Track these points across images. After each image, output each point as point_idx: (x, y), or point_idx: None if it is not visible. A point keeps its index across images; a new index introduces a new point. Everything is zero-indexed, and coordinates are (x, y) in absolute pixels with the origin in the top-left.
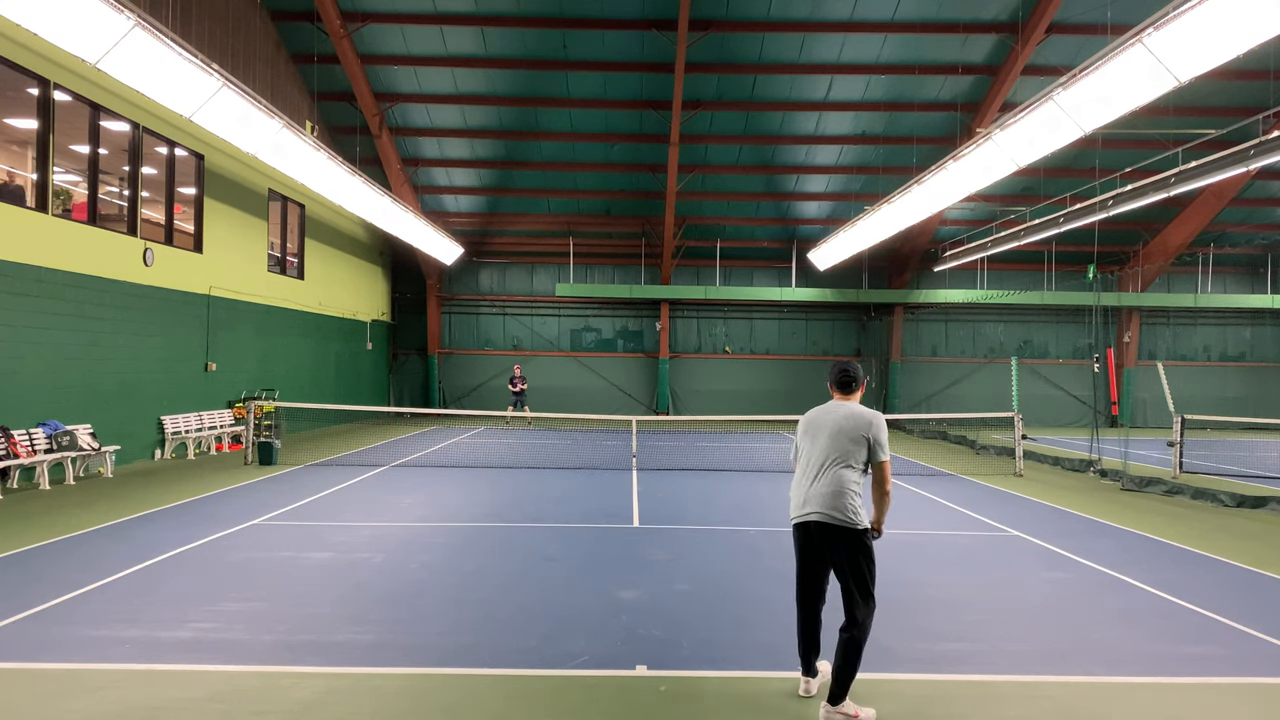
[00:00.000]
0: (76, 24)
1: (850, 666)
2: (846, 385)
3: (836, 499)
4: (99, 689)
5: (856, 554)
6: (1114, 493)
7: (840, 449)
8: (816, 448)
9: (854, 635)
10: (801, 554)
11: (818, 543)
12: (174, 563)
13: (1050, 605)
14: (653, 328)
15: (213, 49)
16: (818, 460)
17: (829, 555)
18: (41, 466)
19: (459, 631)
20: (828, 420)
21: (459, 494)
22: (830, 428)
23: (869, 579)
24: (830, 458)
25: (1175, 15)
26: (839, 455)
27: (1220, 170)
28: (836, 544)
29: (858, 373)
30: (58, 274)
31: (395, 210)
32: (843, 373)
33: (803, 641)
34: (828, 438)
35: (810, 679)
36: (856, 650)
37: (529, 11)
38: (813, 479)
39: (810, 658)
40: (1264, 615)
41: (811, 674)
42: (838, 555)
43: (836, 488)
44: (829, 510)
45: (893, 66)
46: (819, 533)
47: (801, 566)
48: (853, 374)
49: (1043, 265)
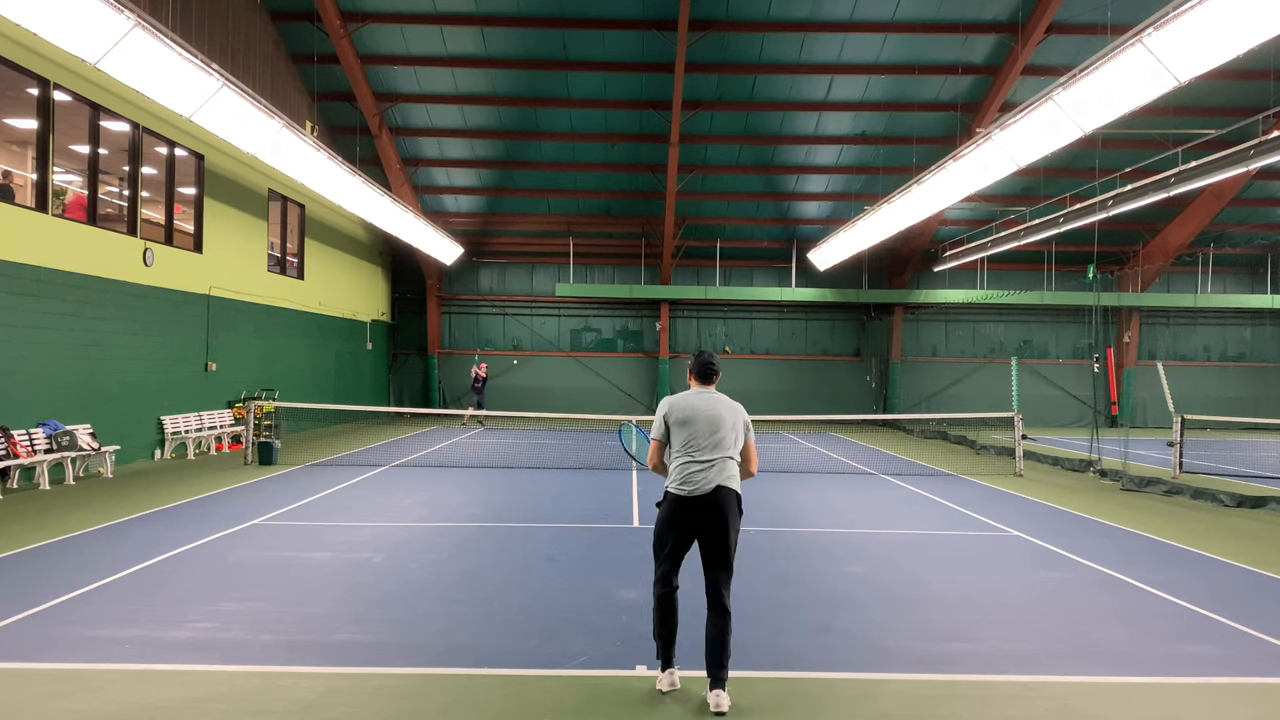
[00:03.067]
0: (76, 24)
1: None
2: (709, 376)
3: (730, 479)
4: (99, 689)
5: (734, 525)
6: (1114, 493)
7: (725, 432)
8: (702, 432)
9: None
10: (680, 527)
11: (701, 516)
12: (174, 563)
13: (1050, 605)
14: (653, 328)
15: (213, 49)
16: (709, 443)
17: (708, 529)
18: (41, 466)
19: (459, 631)
20: (705, 406)
21: (459, 494)
22: (710, 413)
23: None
24: (719, 440)
25: (1175, 15)
26: (725, 438)
27: (1220, 170)
28: (727, 516)
29: (718, 365)
30: (58, 274)
31: (395, 210)
32: (706, 365)
33: (669, 626)
34: (713, 422)
35: (675, 670)
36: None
37: (529, 11)
38: (708, 460)
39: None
40: (1264, 615)
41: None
42: (722, 528)
43: (730, 469)
44: (728, 484)
45: (893, 66)
46: (712, 505)
47: (669, 536)
48: (715, 366)
49: (1043, 265)
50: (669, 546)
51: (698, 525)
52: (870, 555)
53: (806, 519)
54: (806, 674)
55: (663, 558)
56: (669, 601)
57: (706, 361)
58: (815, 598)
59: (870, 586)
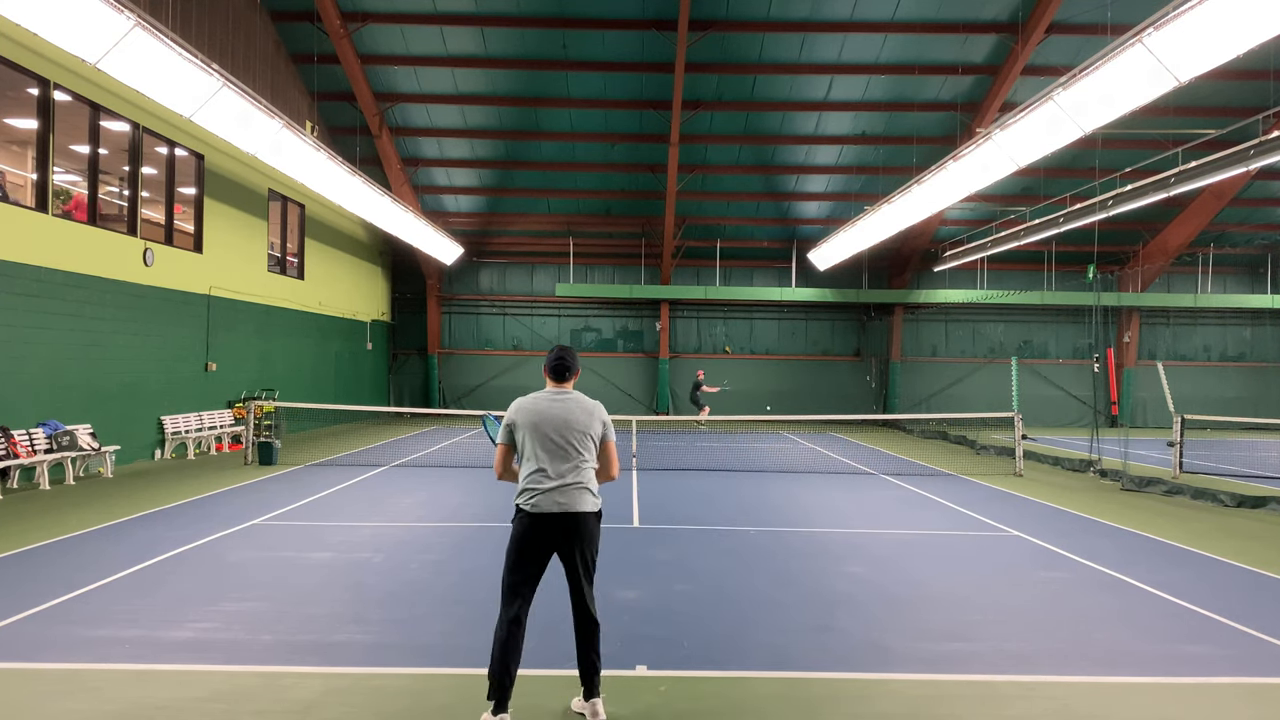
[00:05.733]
0: (76, 24)
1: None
2: (562, 374)
3: (583, 494)
4: (99, 689)
5: (595, 539)
6: (1114, 493)
7: (575, 437)
8: (550, 438)
9: (597, 620)
10: (529, 546)
11: (555, 540)
12: (174, 563)
13: (1050, 605)
14: (653, 328)
15: (213, 49)
16: (558, 451)
17: (564, 553)
18: (41, 466)
19: (459, 631)
20: (554, 409)
21: (459, 494)
22: (560, 417)
23: (594, 564)
24: (569, 446)
25: (1175, 15)
26: (576, 443)
27: (1220, 170)
28: (584, 540)
29: (574, 361)
30: (58, 274)
31: (395, 210)
32: (558, 361)
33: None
34: (563, 426)
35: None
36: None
37: (529, 11)
38: (558, 470)
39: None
40: (1264, 615)
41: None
42: (577, 544)
43: (584, 477)
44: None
45: (893, 66)
46: (566, 528)
47: (522, 559)
48: (569, 362)
49: (1043, 265)
50: (522, 575)
51: (552, 548)
52: (870, 555)
53: (806, 519)
54: (806, 674)
55: (514, 588)
56: (515, 635)
57: (558, 358)
58: (815, 598)
59: (870, 586)
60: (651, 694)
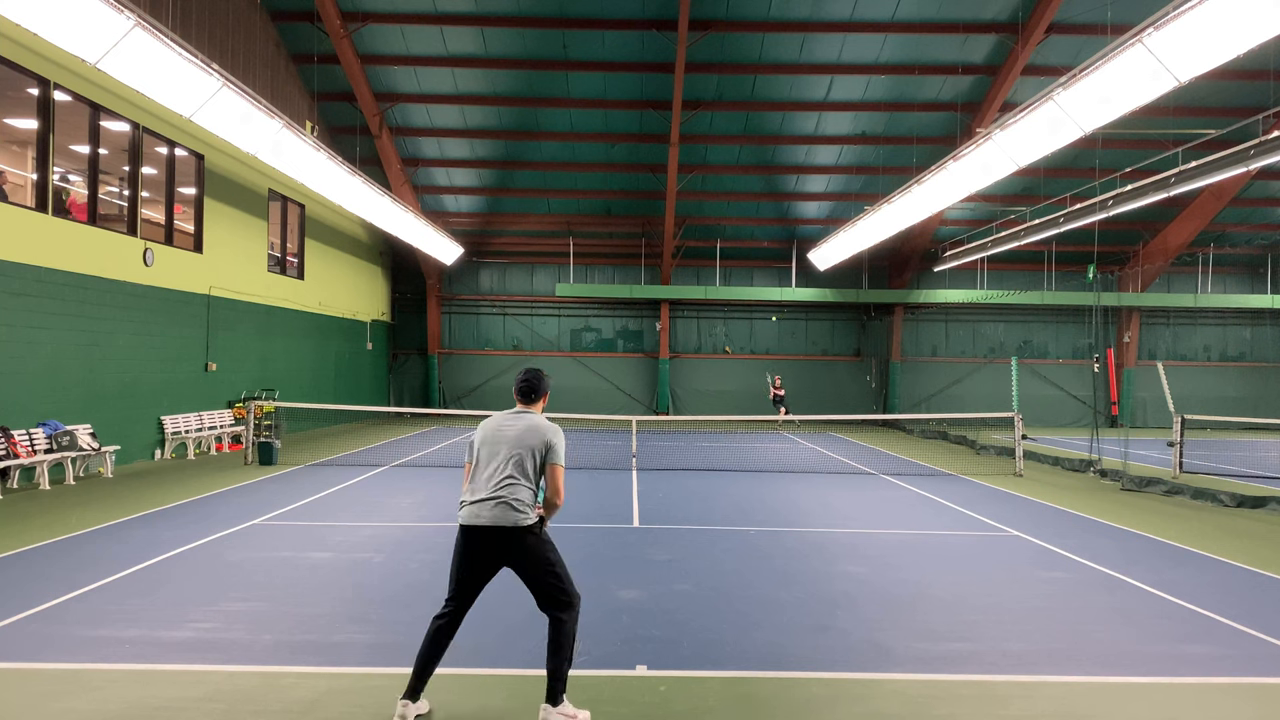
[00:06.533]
0: (76, 24)
1: (568, 657)
2: (527, 395)
3: (509, 510)
4: (99, 689)
5: (532, 551)
6: (1114, 493)
7: (510, 455)
8: (491, 455)
9: (566, 624)
10: (460, 556)
11: (490, 554)
12: (174, 563)
13: (1050, 605)
14: (653, 328)
15: (213, 49)
16: (492, 468)
17: (501, 560)
18: (41, 466)
19: (459, 631)
20: (506, 428)
21: (459, 494)
22: (508, 435)
23: (559, 569)
24: (502, 464)
25: (1175, 15)
26: (511, 461)
27: (1220, 170)
28: (509, 547)
29: (540, 384)
30: (58, 274)
31: (395, 210)
32: (523, 382)
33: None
34: (504, 445)
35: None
36: (570, 640)
37: (529, 11)
38: (489, 487)
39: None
40: (1264, 615)
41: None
42: (511, 559)
43: (515, 495)
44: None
45: (893, 66)
46: (497, 544)
47: (456, 568)
48: (535, 384)
49: (1043, 265)
50: (455, 582)
51: (488, 560)
52: (870, 555)
53: (806, 519)
54: (806, 674)
55: (450, 592)
56: (440, 629)
57: (524, 379)
58: (815, 598)
59: (870, 586)
60: (652, 694)
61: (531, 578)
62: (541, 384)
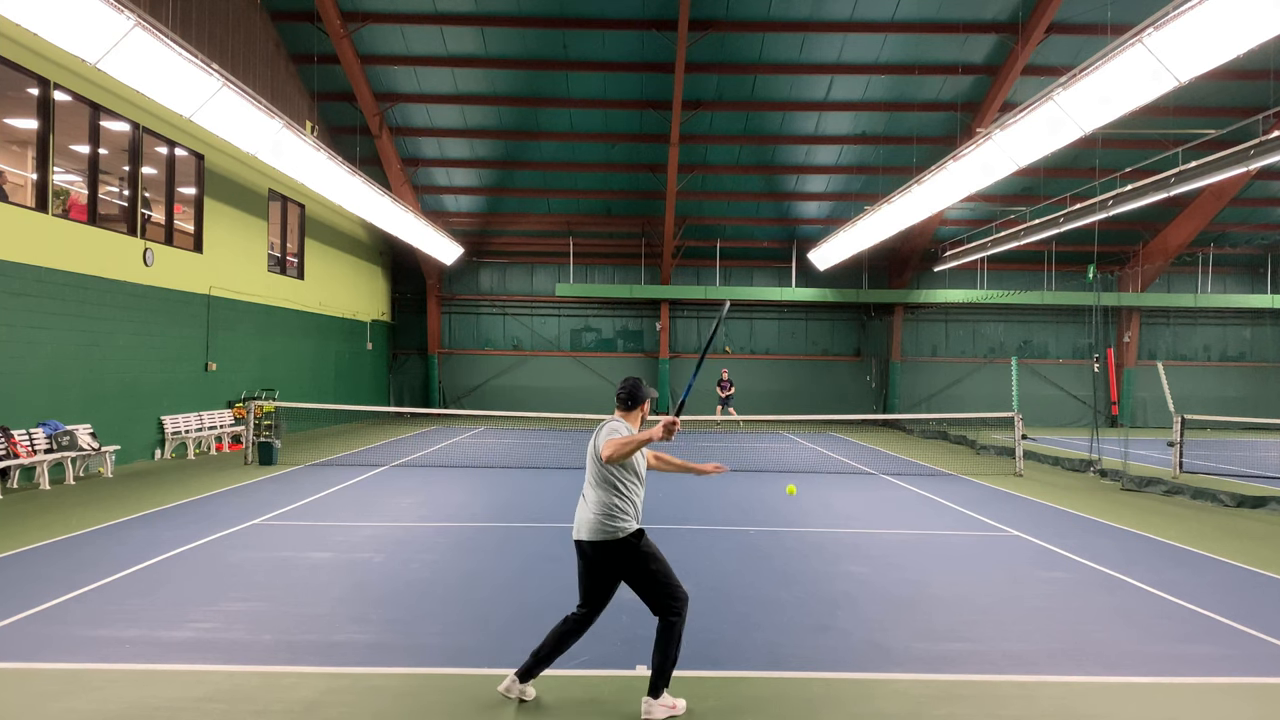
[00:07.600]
0: (76, 24)
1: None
2: (622, 402)
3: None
4: (99, 689)
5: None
6: (1114, 493)
7: (589, 462)
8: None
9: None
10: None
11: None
12: (174, 563)
13: (1050, 605)
14: (653, 328)
15: (213, 49)
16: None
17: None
18: (41, 466)
19: (459, 631)
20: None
21: (459, 494)
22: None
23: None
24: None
25: (1175, 15)
26: (589, 467)
27: (1220, 170)
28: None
29: (633, 392)
30: (58, 274)
31: (395, 210)
32: (620, 389)
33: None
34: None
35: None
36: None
37: (529, 11)
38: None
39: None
40: (1264, 615)
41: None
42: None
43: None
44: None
45: (893, 66)
46: (592, 552)
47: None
48: (624, 392)
49: (1043, 265)
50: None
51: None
52: (870, 555)
53: (806, 519)
54: (806, 674)
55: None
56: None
57: (620, 387)
58: (815, 598)
59: (870, 586)
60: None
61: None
62: (637, 391)
